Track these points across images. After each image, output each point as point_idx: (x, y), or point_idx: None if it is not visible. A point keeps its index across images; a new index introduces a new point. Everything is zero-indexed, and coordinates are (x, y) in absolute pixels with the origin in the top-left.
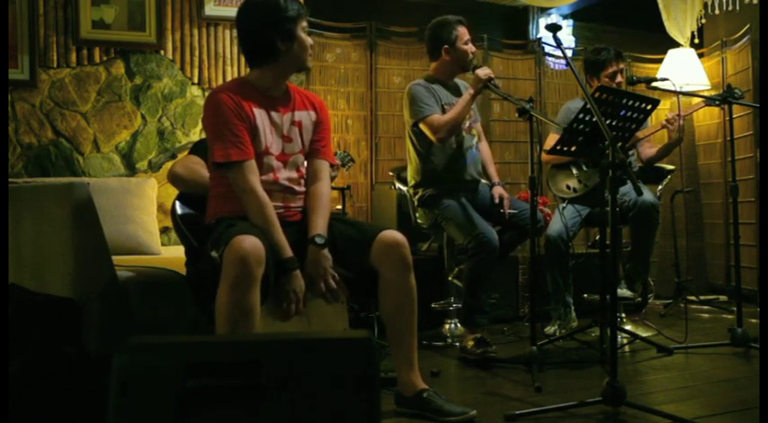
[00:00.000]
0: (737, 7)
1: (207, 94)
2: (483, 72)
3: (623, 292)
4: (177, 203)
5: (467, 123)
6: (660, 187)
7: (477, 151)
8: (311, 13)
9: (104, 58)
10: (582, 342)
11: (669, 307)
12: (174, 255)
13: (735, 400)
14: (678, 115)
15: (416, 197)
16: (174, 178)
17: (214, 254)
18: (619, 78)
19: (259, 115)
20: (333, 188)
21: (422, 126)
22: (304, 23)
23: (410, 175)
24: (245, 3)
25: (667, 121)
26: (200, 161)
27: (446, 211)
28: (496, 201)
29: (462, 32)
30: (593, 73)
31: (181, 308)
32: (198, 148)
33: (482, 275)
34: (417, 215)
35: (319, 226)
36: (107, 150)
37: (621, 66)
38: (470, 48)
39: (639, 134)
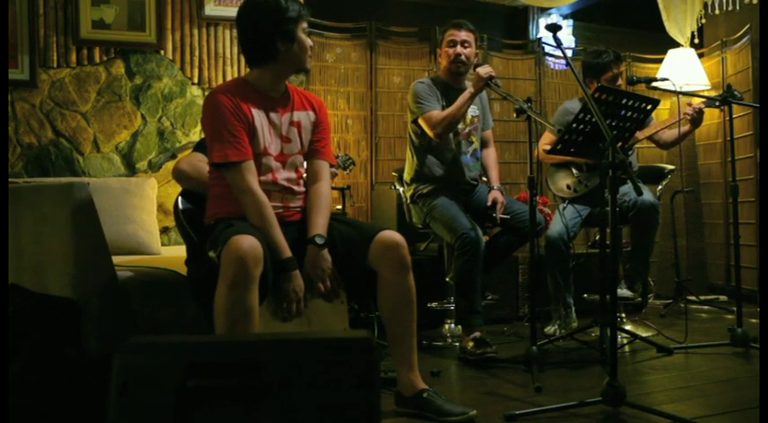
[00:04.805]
0: (737, 7)
1: (207, 94)
2: (484, 70)
3: (623, 292)
4: (180, 199)
5: (466, 129)
6: (660, 187)
7: (474, 158)
8: (311, 13)
9: (104, 58)
10: (582, 342)
11: (669, 307)
12: (174, 255)
13: (735, 400)
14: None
15: (408, 194)
16: (178, 175)
17: (212, 254)
18: (619, 81)
19: (258, 116)
20: (333, 188)
21: (420, 121)
22: (304, 25)
23: (406, 171)
24: (246, 2)
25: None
26: (206, 158)
27: (434, 211)
28: (489, 203)
29: (447, 35)
30: (594, 76)
31: (181, 308)
32: (203, 146)
33: (469, 276)
34: (411, 213)
35: (319, 226)
36: (107, 150)
37: (621, 68)
38: (452, 50)
39: (639, 134)
